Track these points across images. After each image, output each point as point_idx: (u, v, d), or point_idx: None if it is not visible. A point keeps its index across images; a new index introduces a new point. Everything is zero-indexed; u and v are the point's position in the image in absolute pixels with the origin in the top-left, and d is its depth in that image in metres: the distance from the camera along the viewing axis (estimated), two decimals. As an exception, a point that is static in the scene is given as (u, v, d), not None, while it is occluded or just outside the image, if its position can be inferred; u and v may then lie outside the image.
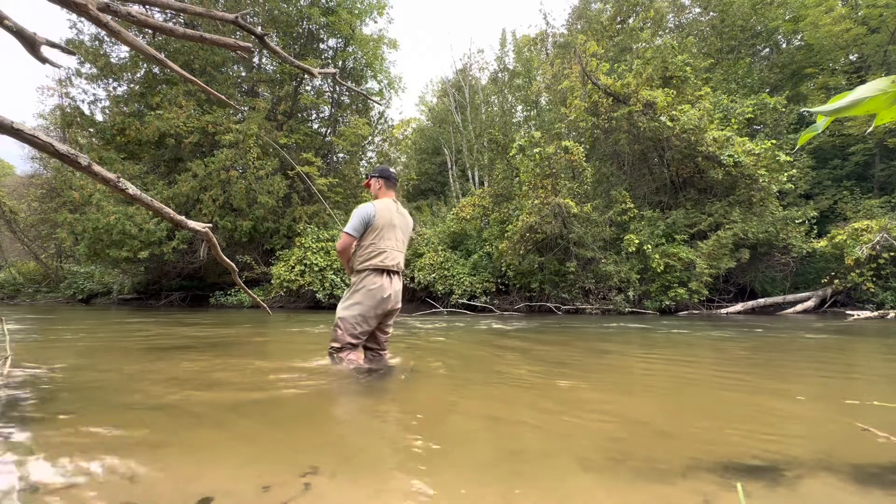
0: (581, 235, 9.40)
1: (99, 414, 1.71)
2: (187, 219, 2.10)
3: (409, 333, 5.03)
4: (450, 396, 2.08)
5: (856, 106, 0.68)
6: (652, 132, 9.59)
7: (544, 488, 1.07)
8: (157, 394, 2.05)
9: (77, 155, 1.65)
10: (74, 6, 1.86)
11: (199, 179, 11.20)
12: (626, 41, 14.14)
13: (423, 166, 22.73)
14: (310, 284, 10.62)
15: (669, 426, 1.61)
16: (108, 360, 2.98)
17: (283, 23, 13.04)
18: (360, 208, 2.62)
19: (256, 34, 2.48)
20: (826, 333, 5.23)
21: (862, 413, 1.77)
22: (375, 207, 2.63)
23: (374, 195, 2.81)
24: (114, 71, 12.10)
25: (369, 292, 2.58)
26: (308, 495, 1.02)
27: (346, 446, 1.37)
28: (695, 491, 1.06)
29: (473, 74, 22.43)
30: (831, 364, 3.15)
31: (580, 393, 2.18)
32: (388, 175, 2.78)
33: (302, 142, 13.32)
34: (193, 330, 5.33)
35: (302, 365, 2.83)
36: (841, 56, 12.83)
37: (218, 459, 1.26)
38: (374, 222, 2.60)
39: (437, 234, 11.99)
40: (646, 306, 9.15)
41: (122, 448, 1.32)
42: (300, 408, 1.87)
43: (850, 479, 1.14)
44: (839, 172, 12.04)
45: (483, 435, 1.51)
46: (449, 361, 3.21)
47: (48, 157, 15.82)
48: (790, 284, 9.84)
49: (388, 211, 2.67)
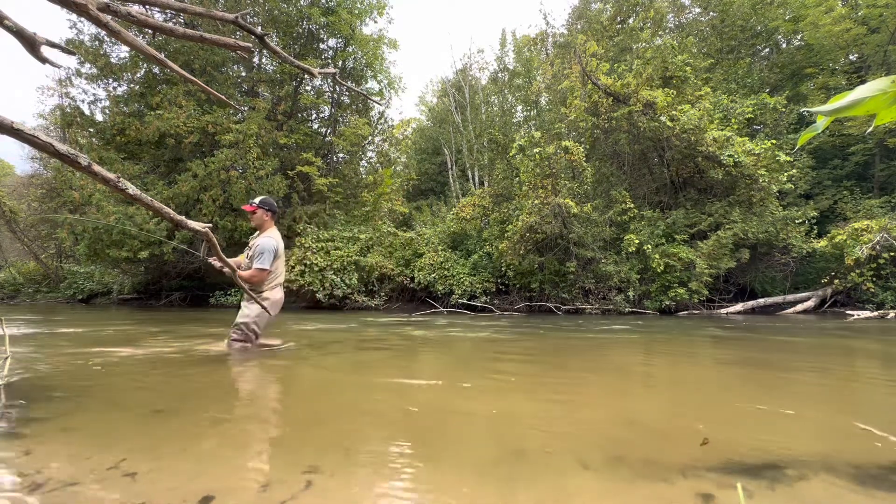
0: (581, 235, 9.39)
1: (99, 413, 1.71)
2: (187, 219, 2.09)
3: (410, 333, 5.03)
4: (449, 396, 2.08)
5: (856, 106, 0.68)
6: (652, 132, 9.59)
7: (544, 488, 1.07)
8: (157, 394, 2.05)
9: (77, 155, 1.64)
10: (74, 6, 1.86)
11: (199, 179, 11.20)
12: (626, 41, 14.14)
13: (423, 166, 22.73)
14: (310, 284, 10.61)
15: (669, 426, 1.61)
16: (108, 360, 2.98)
17: (283, 23, 13.03)
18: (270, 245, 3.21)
19: (256, 34, 2.48)
20: (826, 333, 5.23)
21: (862, 413, 1.77)
22: (277, 241, 3.30)
23: (260, 224, 3.34)
24: (114, 71, 12.09)
25: (274, 304, 3.35)
26: (308, 494, 1.02)
27: (347, 445, 1.37)
28: (695, 491, 1.06)
29: (473, 74, 22.43)
30: (831, 364, 3.15)
31: (580, 393, 2.18)
32: (276, 209, 3.42)
33: (302, 142, 13.32)
34: (196, 327, 5.34)
35: (301, 364, 2.83)
36: (841, 56, 12.82)
37: (218, 458, 1.26)
38: (278, 252, 3.28)
39: (437, 234, 11.98)
40: (646, 306, 9.15)
41: (122, 447, 1.32)
42: (300, 407, 1.87)
43: (850, 478, 1.14)
44: (839, 172, 12.03)
45: (483, 434, 1.51)
46: (448, 361, 3.21)
47: (48, 157, 15.81)
48: (790, 284, 9.83)
49: (280, 239, 3.39)
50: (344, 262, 10.81)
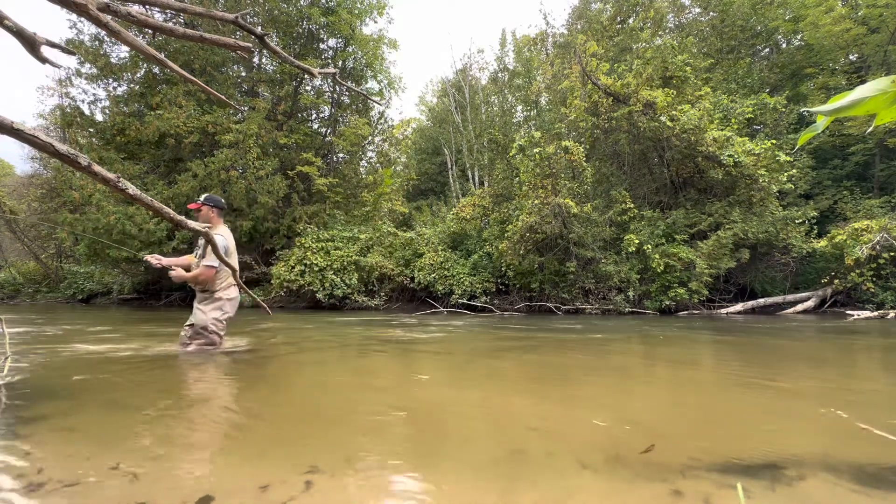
0: (581, 235, 9.39)
1: (99, 413, 1.71)
2: (187, 219, 2.09)
3: (409, 333, 5.03)
4: (449, 396, 2.08)
5: (856, 106, 0.68)
6: (652, 132, 9.59)
7: (544, 488, 1.07)
8: (157, 394, 2.05)
9: (77, 155, 1.64)
10: (74, 6, 1.86)
11: (199, 179, 11.20)
12: (626, 41, 14.14)
13: (423, 166, 22.74)
14: (310, 284, 10.62)
15: (669, 426, 1.61)
16: (108, 360, 2.98)
17: (283, 23, 13.03)
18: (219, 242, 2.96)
19: (256, 34, 2.48)
20: (826, 333, 5.23)
21: (862, 413, 1.77)
22: (226, 239, 3.22)
23: (206, 220, 3.31)
24: (114, 71, 12.09)
25: (231, 301, 3.36)
26: (308, 494, 1.02)
27: (346, 445, 1.37)
28: (695, 491, 1.06)
29: (473, 74, 22.44)
30: (831, 364, 3.15)
31: (580, 393, 2.18)
32: (223, 206, 3.40)
33: (302, 142, 13.32)
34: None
35: (301, 365, 2.84)
36: (841, 56, 12.82)
37: (218, 458, 1.26)
38: (229, 249, 3.20)
39: (437, 234, 11.98)
40: (646, 306, 9.15)
41: (122, 447, 1.32)
42: (300, 407, 1.87)
43: (850, 478, 1.14)
44: (839, 172, 12.03)
45: (483, 434, 1.51)
46: (448, 361, 3.21)
47: (48, 157, 15.81)
48: (790, 284, 9.83)
49: (231, 235, 3.35)
50: (344, 262, 10.82)
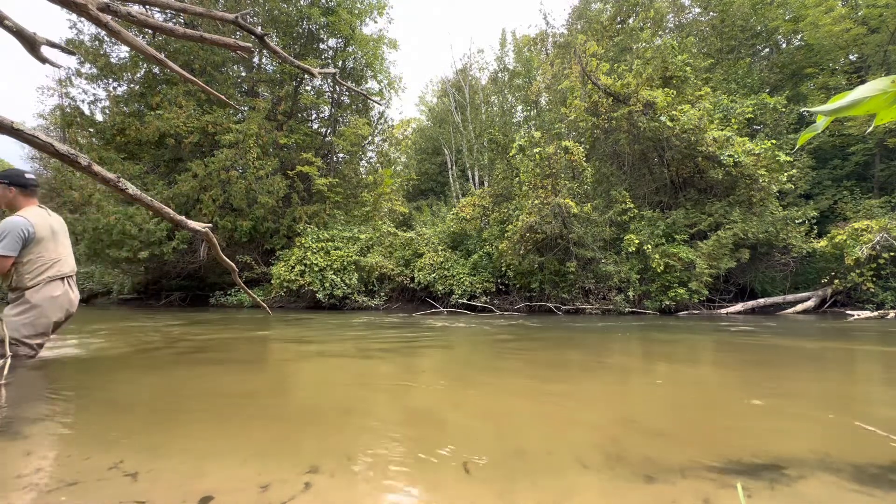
0: (581, 235, 9.39)
1: (99, 413, 1.71)
2: (187, 219, 2.10)
3: (409, 333, 5.03)
4: (449, 396, 2.08)
5: (856, 106, 0.68)
6: (652, 132, 9.59)
7: (544, 487, 1.07)
8: (157, 393, 2.05)
9: (77, 155, 1.65)
10: (74, 6, 1.86)
11: (199, 179, 11.21)
12: (626, 41, 14.14)
13: (423, 166, 22.77)
14: (310, 284, 10.62)
15: (669, 425, 1.61)
16: (108, 360, 2.98)
17: (283, 23, 13.04)
18: (10, 224, 2.43)
19: (256, 34, 2.48)
20: (826, 333, 5.23)
21: (862, 413, 1.77)
22: (29, 220, 2.47)
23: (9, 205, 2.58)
24: (114, 71, 12.11)
25: (54, 300, 2.57)
26: (308, 494, 1.02)
27: (346, 445, 1.37)
28: (695, 490, 1.06)
29: (473, 74, 22.46)
30: (831, 364, 3.15)
31: (580, 392, 2.18)
32: (25, 182, 2.55)
33: (302, 142, 13.32)
34: (200, 329, 5.34)
35: (300, 365, 2.83)
36: (841, 56, 12.82)
37: (218, 458, 1.26)
38: (36, 236, 2.48)
39: (437, 234, 11.99)
40: (646, 306, 9.15)
41: (122, 447, 1.32)
42: (300, 407, 1.87)
43: (850, 478, 1.14)
44: (839, 172, 12.03)
45: (483, 434, 1.51)
46: (447, 361, 3.21)
47: (48, 157, 15.79)
48: (790, 284, 9.83)
49: (43, 219, 2.56)
50: (344, 262, 10.82)
